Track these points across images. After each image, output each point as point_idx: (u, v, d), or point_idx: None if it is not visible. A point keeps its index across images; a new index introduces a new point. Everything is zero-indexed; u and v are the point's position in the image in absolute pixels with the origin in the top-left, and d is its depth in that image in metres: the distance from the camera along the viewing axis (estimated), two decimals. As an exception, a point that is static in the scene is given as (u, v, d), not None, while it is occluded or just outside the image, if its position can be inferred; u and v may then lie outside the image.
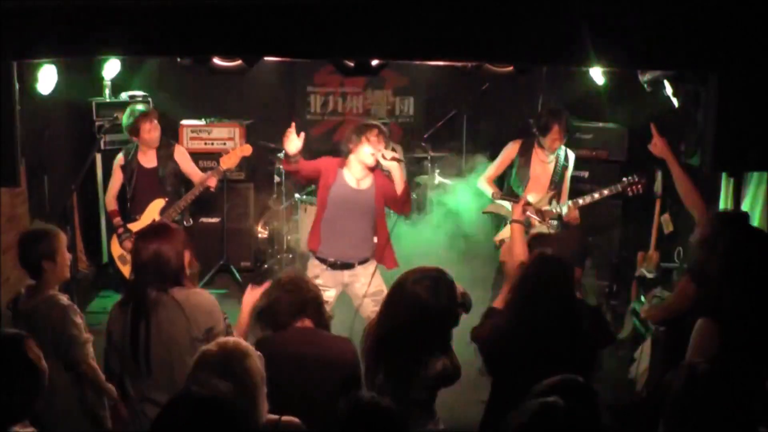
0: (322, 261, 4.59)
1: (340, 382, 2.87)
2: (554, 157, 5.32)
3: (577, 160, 5.57)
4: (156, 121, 5.60)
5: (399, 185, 4.52)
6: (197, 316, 3.07)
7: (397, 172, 4.51)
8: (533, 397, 2.11)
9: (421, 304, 2.88)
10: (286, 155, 4.54)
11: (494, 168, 5.46)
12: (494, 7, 3.28)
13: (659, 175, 5.25)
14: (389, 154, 4.50)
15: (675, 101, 4.63)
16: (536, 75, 6.87)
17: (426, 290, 2.90)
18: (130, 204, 5.70)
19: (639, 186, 5.14)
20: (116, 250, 5.68)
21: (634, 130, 6.48)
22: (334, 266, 4.58)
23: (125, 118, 5.56)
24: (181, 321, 3.04)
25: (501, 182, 5.59)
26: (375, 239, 4.74)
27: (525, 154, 5.34)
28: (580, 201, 5.19)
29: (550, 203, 5.26)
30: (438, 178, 6.75)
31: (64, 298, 3.46)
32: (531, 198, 5.05)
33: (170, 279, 3.11)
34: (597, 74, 6.23)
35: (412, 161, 7.32)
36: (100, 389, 3.46)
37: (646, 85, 4.74)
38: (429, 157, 6.92)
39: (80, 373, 3.40)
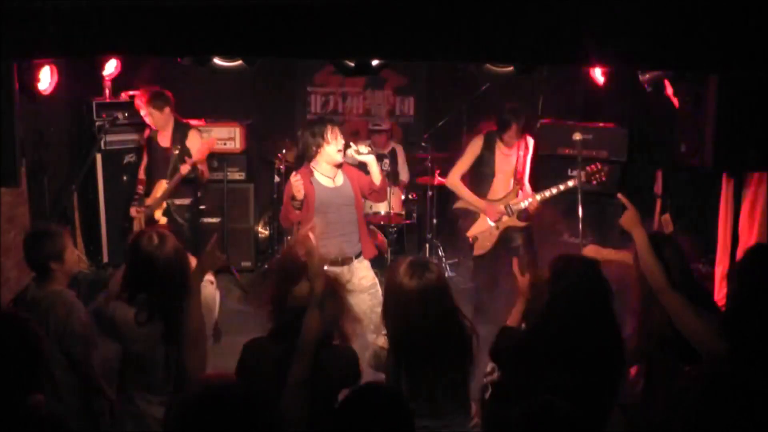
0: None
1: (334, 387, 2.84)
2: (515, 149, 5.47)
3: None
4: (151, 108, 5.73)
5: (377, 176, 4.60)
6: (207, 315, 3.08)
7: (374, 164, 4.61)
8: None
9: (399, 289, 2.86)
10: (299, 201, 4.46)
11: (462, 164, 5.57)
12: (494, 7, 3.28)
13: (659, 175, 5.25)
14: (363, 149, 4.60)
15: (675, 101, 4.63)
16: (536, 75, 6.87)
17: (404, 274, 2.87)
18: (148, 180, 5.88)
19: (602, 174, 5.19)
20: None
21: (634, 130, 6.48)
22: (335, 263, 4.59)
23: (144, 102, 5.77)
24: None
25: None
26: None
27: (489, 148, 5.47)
28: (546, 194, 5.31)
29: (517, 195, 5.44)
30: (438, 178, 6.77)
31: (72, 295, 3.45)
32: (498, 192, 5.45)
33: (186, 284, 3.05)
34: (597, 74, 6.24)
35: (412, 161, 7.33)
36: (98, 390, 3.45)
37: (646, 85, 4.74)
38: (429, 158, 6.93)
39: (81, 373, 3.39)
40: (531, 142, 5.57)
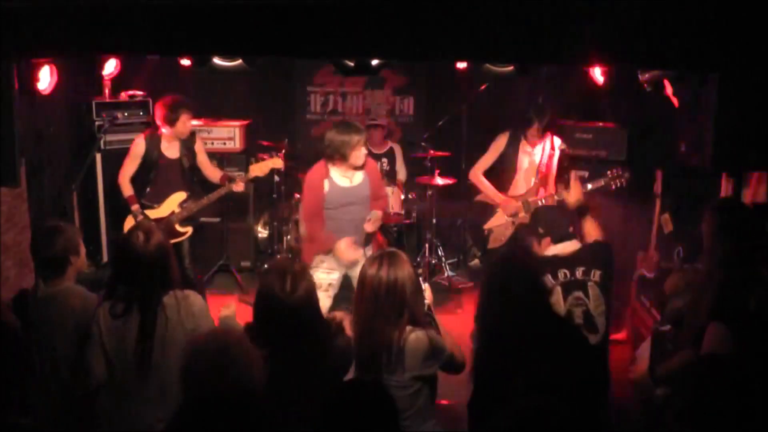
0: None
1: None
2: (540, 147, 5.46)
3: (577, 159, 5.62)
4: (191, 114, 5.52)
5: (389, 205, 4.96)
6: (196, 317, 3.07)
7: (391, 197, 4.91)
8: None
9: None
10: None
11: (485, 160, 5.61)
12: (494, 7, 3.28)
13: (659, 175, 5.25)
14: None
15: (675, 101, 4.63)
16: (536, 75, 6.87)
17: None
18: (149, 192, 5.61)
19: (623, 180, 5.19)
20: None
21: (634, 130, 6.48)
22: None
23: (169, 108, 5.43)
24: (180, 323, 3.03)
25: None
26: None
27: (513, 145, 5.50)
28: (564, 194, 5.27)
29: (537, 193, 5.44)
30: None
31: (83, 289, 3.47)
32: (519, 189, 5.46)
33: (175, 280, 3.09)
34: (597, 74, 6.23)
35: (412, 161, 7.33)
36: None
37: (646, 85, 4.74)
38: (429, 158, 6.92)
39: None
40: (558, 142, 5.56)
